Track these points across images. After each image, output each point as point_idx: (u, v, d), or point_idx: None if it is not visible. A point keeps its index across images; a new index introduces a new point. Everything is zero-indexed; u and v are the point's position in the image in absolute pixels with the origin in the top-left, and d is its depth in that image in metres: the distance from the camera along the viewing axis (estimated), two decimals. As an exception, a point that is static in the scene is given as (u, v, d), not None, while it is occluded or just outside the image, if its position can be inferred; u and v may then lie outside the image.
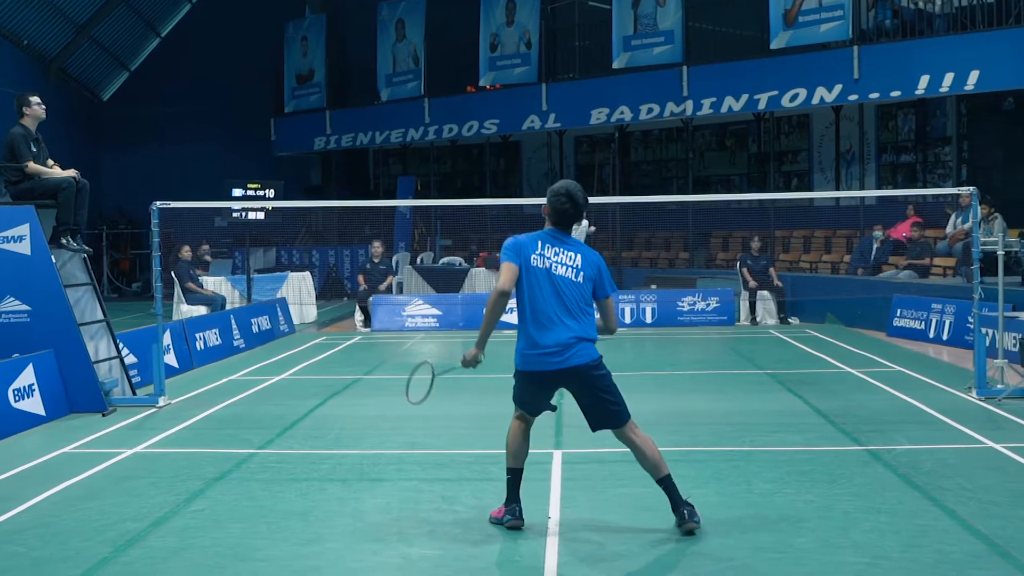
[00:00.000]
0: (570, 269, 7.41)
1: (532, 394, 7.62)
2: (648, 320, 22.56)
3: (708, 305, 22.69)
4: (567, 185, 7.50)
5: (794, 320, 23.02)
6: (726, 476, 9.04)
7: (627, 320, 22.56)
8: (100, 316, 13.60)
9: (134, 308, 27.54)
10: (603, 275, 7.58)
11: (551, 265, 7.38)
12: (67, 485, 9.05)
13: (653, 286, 25.09)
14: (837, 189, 28.38)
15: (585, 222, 19.33)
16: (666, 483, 7.48)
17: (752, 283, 23.04)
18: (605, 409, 7.53)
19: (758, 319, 22.95)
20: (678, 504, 7.41)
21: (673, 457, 9.58)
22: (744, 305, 23.11)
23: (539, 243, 7.42)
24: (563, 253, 7.44)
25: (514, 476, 7.69)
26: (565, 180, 7.63)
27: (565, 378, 7.44)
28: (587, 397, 7.53)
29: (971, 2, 24.24)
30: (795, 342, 19.38)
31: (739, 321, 22.91)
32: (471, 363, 7.55)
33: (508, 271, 7.38)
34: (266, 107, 38.22)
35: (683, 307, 22.71)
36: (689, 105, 28.37)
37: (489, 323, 7.46)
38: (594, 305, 7.60)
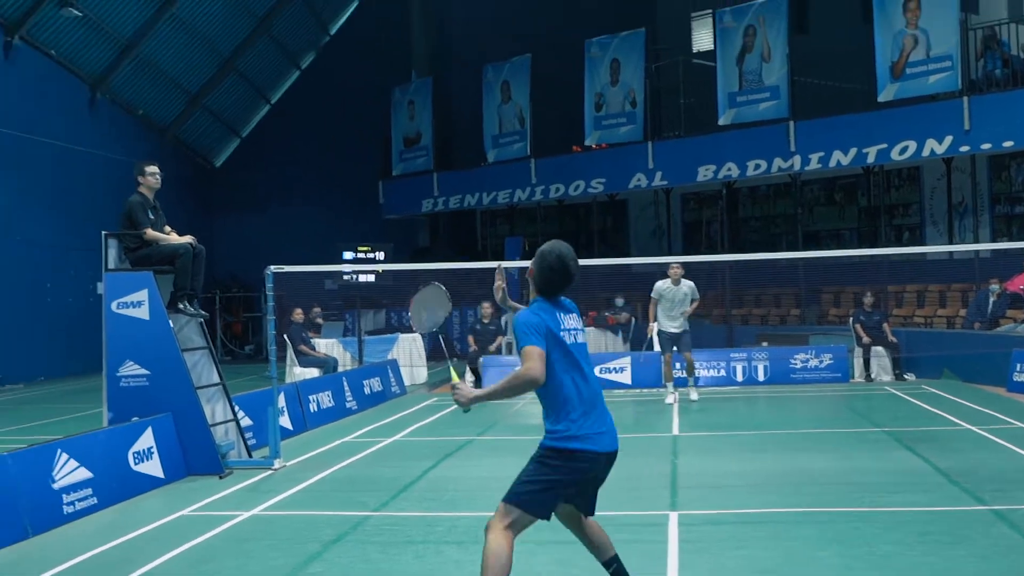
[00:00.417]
0: (582, 334, 6.69)
1: (578, 484, 6.58)
2: (760, 378, 22.30)
3: (821, 362, 22.36)
4: (558, 248, 6.73)
5: (910, 376, 22.60)
6: (847, 538, 8.84)
7: (739, 378, 22.34)
8: (216, 379, 13.77)
9: (247, 371, 27.91)
10: None
11: (575, 338, 6.59)
12: (186, 548, 9.14)
13: (764, 343, 24.82)
14: (950, 242, 27.90)
15: (689, 287, 19.11)
16: (616, 565, 6.86)
17: (866, 339, 22.69)
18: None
19: (873, 375, 22.57)
20: None
21: (794, 518, 9.47)
22: (858, 362, 22.75)
23: (557, 316, 6.56)
24: (575, 319, 6.68)
25: None
26: (556, 242, 6.85)
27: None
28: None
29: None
30: (912, 399, 19.00)
31: (853, 378, 22.54)
32: (461, 402, 6.84)
33: (538, 358, 6.34)
34: (374, 170, 38.68)
35: (796, 364, 22.41)
36: (797, 160, 28.18)
37: (501, 396, 6.70)
38: None
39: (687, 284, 19.04)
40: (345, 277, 27.46)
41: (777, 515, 9.73)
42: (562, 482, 6.44)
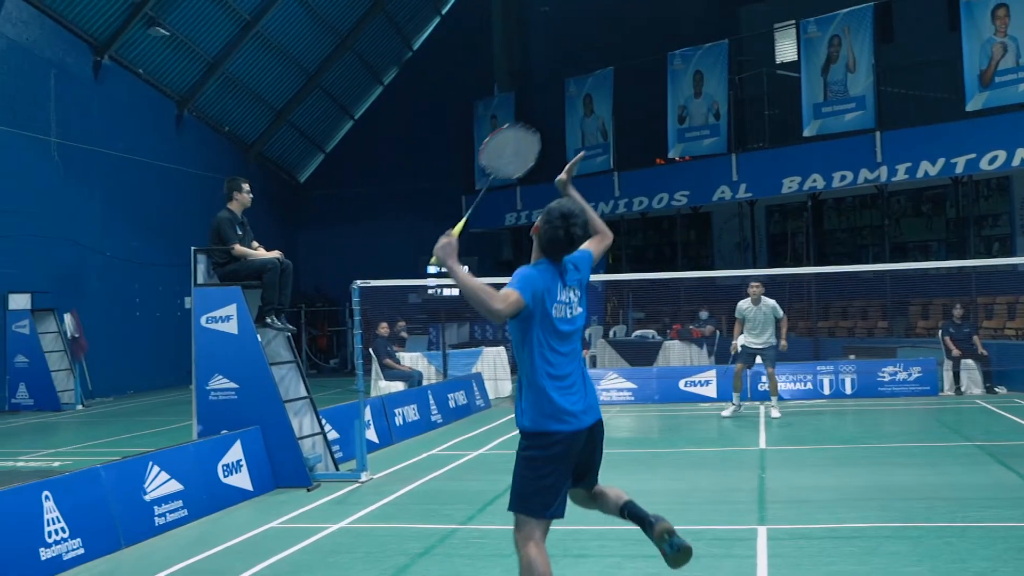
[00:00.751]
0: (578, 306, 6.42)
1: (565, 465, 6.22)
2: (848, 391, 22.05)
3: (910, 375, 22.07)
4: (564, 207, 6.43)
5: (1001, 389, 22.25)
6: (940, 554, 8.70)
7: (826, 391, 22.12)
8: (304, 393, 13.88)
9: (331, 384, 28.13)
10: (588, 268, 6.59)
11: (567, 312, 6.30)
12: (275, 560, 9.22)
13: (852, 356, 24.56)
14: (1042, 253, 27.45)
15: (770, 306, 18.94)
16: (630, 507, 6.58)
17: (955, 352, 22.37)
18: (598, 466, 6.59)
19: (963, 389, 22.25)
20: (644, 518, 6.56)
21: (884, 533, 9.35)
22: (948, 375, 22.43)
23: (556, 286, 6.30)
24: (575, 292, 6.41)
25: None
26: (563, 200, 6.60)
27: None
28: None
29: None
30: (1004, 412, 18.70)
31: (943, 391, 22.23)
32: (438, 254, 6.50)
33: (513, 303, 6.15)
34: (458, 184, 38.84)
35: (884, 377, 22.14)
36: (883, 171, 27.86)
37: (464, 290, 6.27)
38: None
39: (768, 303, 18.86)
40: (429, 291, 27.65)
41: (866, 530, 9.61)
42: (547, 472, 6.11)
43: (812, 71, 29.32)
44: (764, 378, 19.71)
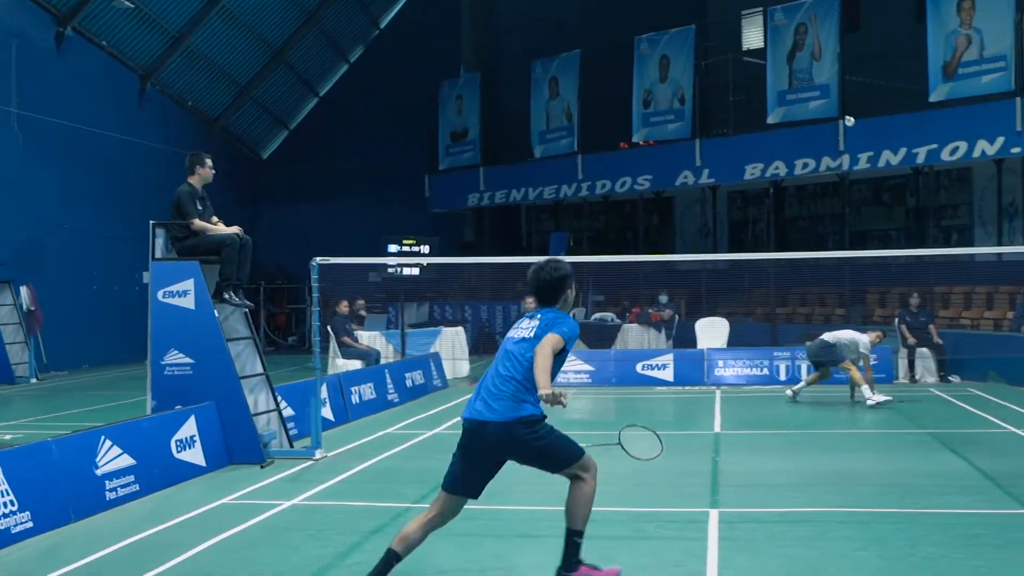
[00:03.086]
0: (527, 329, 7.38)
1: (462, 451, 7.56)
2: (803, 377, 22.14)
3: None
4: (539, 261, 7.61)
5: (955, 378, 22.42)
6: (890, 539, 8.77)
7: (782, 377, 22.24)
8: (260, 370, 13.83)
9: (288, 362, 28.03)
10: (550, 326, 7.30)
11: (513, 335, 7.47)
12: (226, 536, 9.19)
13: (808, 343, 24.66)
14: (999, 244, 27.58)
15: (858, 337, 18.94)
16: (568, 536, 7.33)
17: (911, 340, 22.53)
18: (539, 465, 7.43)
19: (917, 377, 22.42)
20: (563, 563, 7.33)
21: (835, 518, 9.41)
22: (903, 363, 22.60)
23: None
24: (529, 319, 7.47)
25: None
26: (548, 258, 7.69)
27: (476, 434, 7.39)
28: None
29: None
30: (957, 401, 18.85)
31: (898, 379, 22.39)
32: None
33: None
34: (421, 164, 38.75)
35: (840, 364, 22.24)
36: (845, 159, 27.99)
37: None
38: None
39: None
40: (390, 270, 27.54)
41: (818, 515, 9.67)
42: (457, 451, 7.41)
43: (778, 58, 29.40)
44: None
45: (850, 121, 26.85)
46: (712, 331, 24.45)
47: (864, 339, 18.61)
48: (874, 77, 28.86)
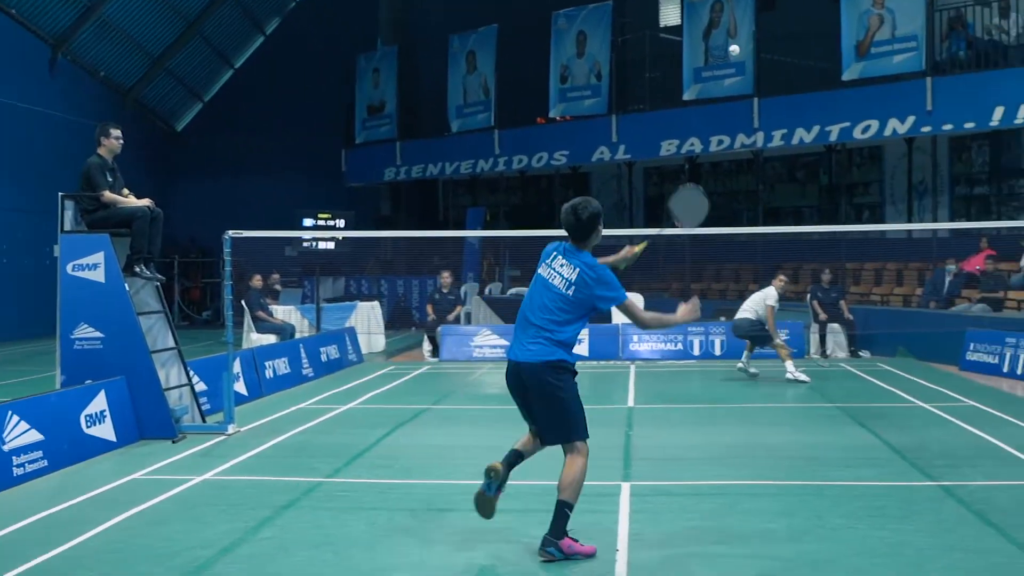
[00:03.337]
0: (563, 281, 7.73)
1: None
2: (717, 352, 22.40)
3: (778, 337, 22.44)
4: (573, 200, 7.87)
5: (865, 353, 22.76)
6: (798, 510, 8.91)
7: (696, 352, 22.45)
8: (171, 344, 13.71)
9: (203, 336, 27.82)
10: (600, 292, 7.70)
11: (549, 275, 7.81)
12: (136, 511, 9.11)
13: (722, 318, 24.85)
14: (909, 221, 28.01)
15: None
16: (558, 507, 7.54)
17: (822, 316, 22.82)
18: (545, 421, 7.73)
19: (828, 352, 22.73)
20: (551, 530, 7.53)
21: (745, 490, 9.54)
22: (814, 338, 22.89)
23: (553, 253, 7.92)
24: (566, 266, 7.73)
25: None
26: (581, 197, 7.95)
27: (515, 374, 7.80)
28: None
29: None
30: (866, 376, 19.14)
31: (809, 354, 22.67)
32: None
33: None
34: (337, 138, 38.48)
35: (752, 340, 22.49)
36: (760, 137, 28.23)
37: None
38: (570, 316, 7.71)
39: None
40: (305, 244, 27.29)
41: (728, 487, 9.79)
42: None
43: (694, 35, 29.56)
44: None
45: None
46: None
47: (770, 291, 18.86)
48: (789, 55, 29.12)
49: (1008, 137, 26.79)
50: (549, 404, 7.59)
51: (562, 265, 7.72)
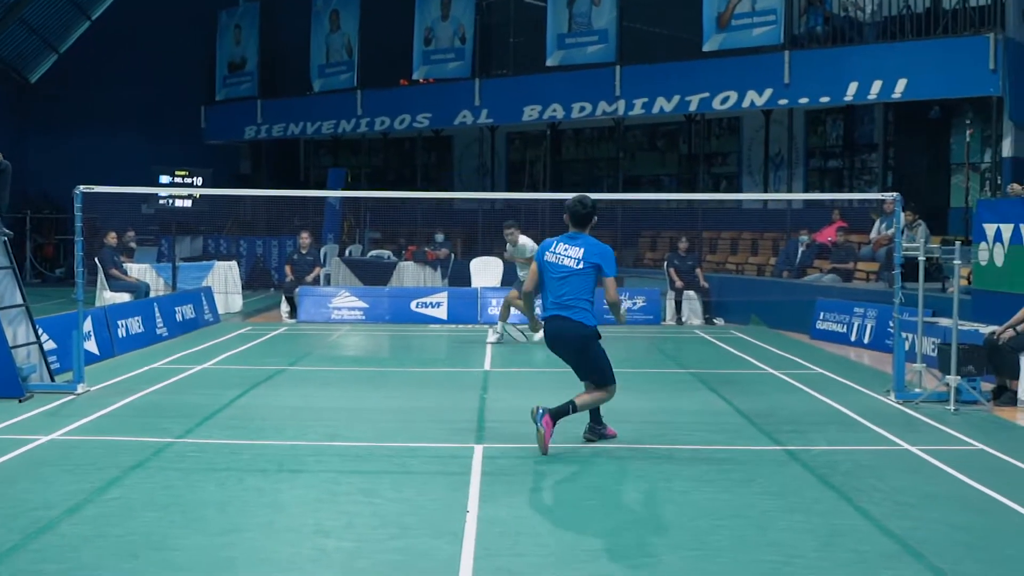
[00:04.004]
0: (573, 260, 9.83)
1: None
2: (575, 318, 22.57)
3: (635, 304, 22.73)
4: (577, 195, 10.12)
5: (719, 321, 23.17)
6: (647, 474, 9.08)
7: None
8: (19, 300, 13.38)
9: (56, 294, 27.15)
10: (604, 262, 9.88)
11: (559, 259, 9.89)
12: (-20, 471, 8.92)
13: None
14: (765, 192, 28.55)
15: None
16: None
17: (678, 283, 23.17)
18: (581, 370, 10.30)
19: (683, 319, 23.09)
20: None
21: (598, 454, 9.70)
22: (670, 305, 23.22)
23: (555, 242, 10.02)
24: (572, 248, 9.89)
25: None
26: (580, 193, 10.23)
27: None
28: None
29: (900, 12, 24.47)
30: (719, 342, 19.51)
31: (665, 321, 23.02)
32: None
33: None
34: (197, 95, 37.86)
35: (609, 305, 22.69)
36: (621, 105, 28.43)
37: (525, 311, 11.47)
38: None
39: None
40: (161, 201, 26.94)
41: (579, 451, 9.94)
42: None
43: (558, 2, 29.61)
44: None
45: None
46: (486, 270, 24.61)
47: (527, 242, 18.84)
48: (652, 25, 29.36)
49: (861, 112, 27.40)
50: (589, 357, 10.20)
51: (566, 248, 9.88)
